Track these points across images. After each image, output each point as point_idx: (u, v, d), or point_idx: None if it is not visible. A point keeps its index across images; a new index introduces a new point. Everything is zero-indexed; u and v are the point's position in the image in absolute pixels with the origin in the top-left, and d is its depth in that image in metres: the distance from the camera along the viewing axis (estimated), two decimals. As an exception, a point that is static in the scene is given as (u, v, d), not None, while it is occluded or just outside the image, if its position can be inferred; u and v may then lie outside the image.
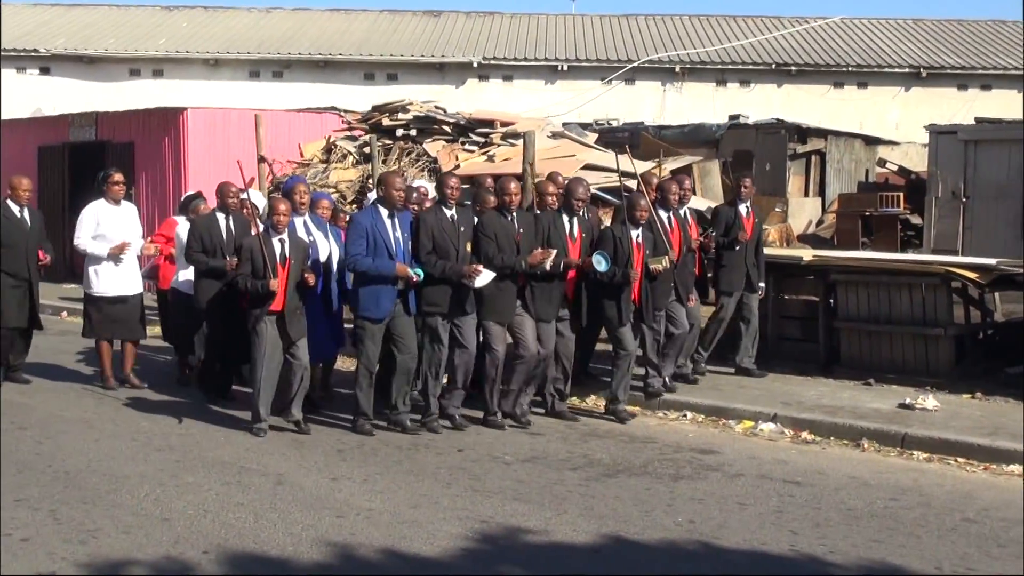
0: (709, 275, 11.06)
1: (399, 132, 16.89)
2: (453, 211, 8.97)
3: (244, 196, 9.84)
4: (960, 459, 8.31)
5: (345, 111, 20.74)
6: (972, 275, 10.49)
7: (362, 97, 26.06)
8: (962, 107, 28.14)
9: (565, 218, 9.37)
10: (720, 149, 17.49)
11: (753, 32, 33.58)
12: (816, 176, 19.09)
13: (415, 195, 9.78)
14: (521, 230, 9.12)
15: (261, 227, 8.83)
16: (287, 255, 8.75)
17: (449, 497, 7.09)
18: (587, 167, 14.35)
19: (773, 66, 31.11)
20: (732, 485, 7.51)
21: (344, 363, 11.12)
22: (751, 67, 31.25)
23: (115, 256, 10.62)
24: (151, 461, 7.92)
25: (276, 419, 8.88)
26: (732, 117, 20.59)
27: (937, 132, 14.92)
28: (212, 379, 10.19)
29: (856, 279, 11.03)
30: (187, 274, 10.32)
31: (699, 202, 12.56)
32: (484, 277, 8.84)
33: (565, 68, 31.10)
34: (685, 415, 9.73)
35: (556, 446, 8.60)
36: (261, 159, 15.74)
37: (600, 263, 9.13)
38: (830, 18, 34.79)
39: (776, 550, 6.16)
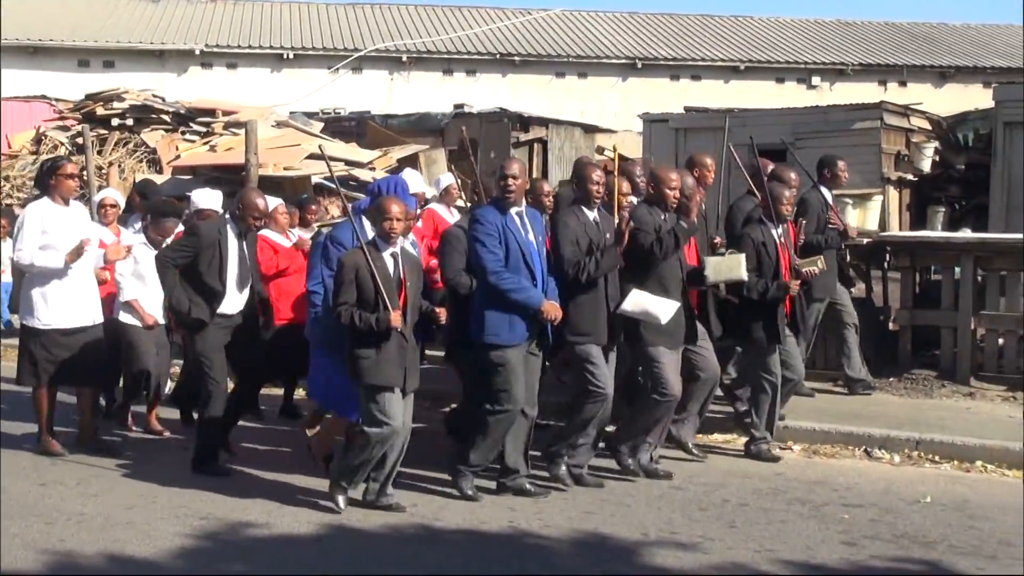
0: None
1: (115, 122, 16.31)
2: (596, 213, 7.09)
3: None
4: (671, 430, 8.77)
5: (57, 100, 19.81)
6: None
7: (77, 85, 24.83)
8: (675, 96, 29.56)
9: (663, 217, 7.31)
10: (445, 138, 17.70)
11: (478, 22, 34.14)
12: (539, 164, 19.60)
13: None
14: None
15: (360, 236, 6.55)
16: (402, 275, 6.53)
17: (167, 496, 6.93)
18: (312, 156, 14.25)
19: (498, 56, 31.74)
20: (455, 467, 7.65)
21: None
22: (477, 57, 31.75)
23: (69, 264, 7.77)
24: None
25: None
26: (457, 106, 20.85)
27: (650, 120, 15.52)
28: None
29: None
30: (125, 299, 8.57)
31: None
32: (668, 307, 6.98)
33: (291, 56, 30.69)
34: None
35: (281, 440, 8.53)
36: (-39, 151, 14.92)
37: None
38: (551, 10, 35.78)
39: (494, 528, 6.35)
